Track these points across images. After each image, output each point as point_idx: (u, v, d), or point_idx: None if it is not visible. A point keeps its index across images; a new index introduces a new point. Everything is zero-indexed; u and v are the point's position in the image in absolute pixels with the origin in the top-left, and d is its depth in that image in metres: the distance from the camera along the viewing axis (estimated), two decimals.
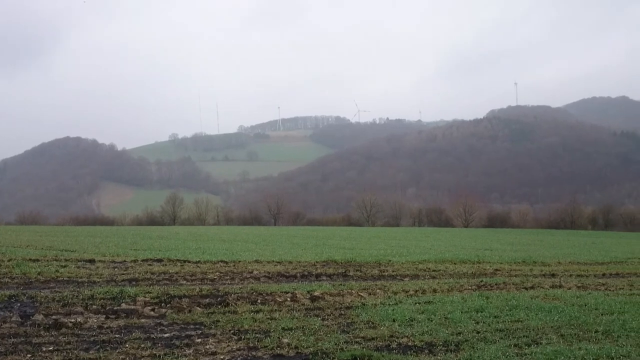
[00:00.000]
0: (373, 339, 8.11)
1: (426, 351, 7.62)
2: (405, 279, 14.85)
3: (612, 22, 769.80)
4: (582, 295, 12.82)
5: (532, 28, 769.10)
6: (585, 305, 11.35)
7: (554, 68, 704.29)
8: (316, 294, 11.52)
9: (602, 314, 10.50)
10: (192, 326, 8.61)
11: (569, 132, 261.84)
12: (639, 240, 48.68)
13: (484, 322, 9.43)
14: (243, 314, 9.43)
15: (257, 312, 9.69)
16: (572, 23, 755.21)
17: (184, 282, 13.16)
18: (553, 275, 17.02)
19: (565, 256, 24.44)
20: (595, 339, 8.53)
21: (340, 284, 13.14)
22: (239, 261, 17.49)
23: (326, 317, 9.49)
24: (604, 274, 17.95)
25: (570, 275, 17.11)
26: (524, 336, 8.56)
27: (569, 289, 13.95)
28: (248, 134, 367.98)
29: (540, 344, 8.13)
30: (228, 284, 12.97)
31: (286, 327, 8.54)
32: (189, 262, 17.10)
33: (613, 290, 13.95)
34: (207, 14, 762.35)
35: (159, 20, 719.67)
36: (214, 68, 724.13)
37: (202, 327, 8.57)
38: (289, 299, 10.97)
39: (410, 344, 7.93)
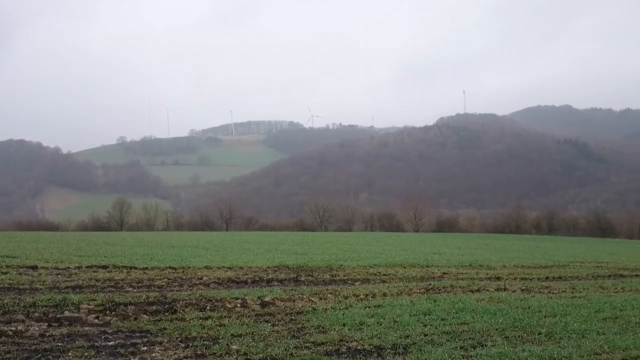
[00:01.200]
0: (323, 343, 8.14)
1: (375, 355, 7.71)
2: (356, 284, 14.97)
3: (557, 34, 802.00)
4: (525, 298, 13.22)
5: (481, 38, 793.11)
6: (529, 308, 11.71)
7: (501, 77, 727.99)
8: (267, 299, 11.47)
9: (545, 316, 10.85)
10: (137, 334, 8.40)
11: (515, 140, 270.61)
12: (581, 245, 50.71)
13: (431, 325, 9.61)
14: (191, 321, 9.27)
15: (206, 318, 9.55)
16: (519, 34, 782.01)
17: (130, 289, 12.84)
18: (498, 278, 17.51)
19: (510, 260, 25.18)
20: (539, 341, 8.82)
21: (292, 289, 13.13)
22: (188, 267, 17.21)
23: (276, 322, 9.46)
24: (547, 277, 18.56)
25: (515, 279, 17.64)
26: (469, 338, 8.77)
27: (514, 291, 14.38)
28: (200, 138, 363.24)
29: (486, 346, 8.35)
30: (176, 290, 12.74)
31: (235, 334, 8.45)
32: (135, 268, 16.70)
33: (556, 293, 14.43)
34: (158, 15, 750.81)
35: (105, 20, 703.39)
36: (165, 70, 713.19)
37: (149, 335, 8.38)
38: (239, 305, 10.87)
39: (359, 347, 8.00)
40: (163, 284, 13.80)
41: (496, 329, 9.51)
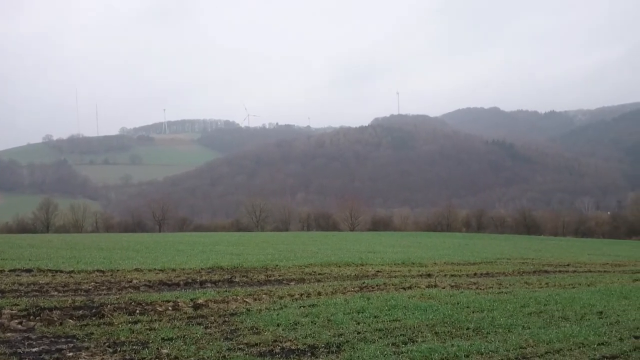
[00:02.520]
0: (256, 344, 8.07)
1: (309, 354, 7.72)
2: (292, 283, 14.95)
3: (488, 38, 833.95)
4: (455, 294, 13.60)
5: (414, 41, 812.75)
6: (458, 304, 12.04)
7: (433, 79, 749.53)
8: (200, 301, 11.26)
9: (473, 312, 11.18)
10: (63, 339, 8.05)
11: (446, 141, 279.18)
12: (507, 242, 52.84)
13: (364, 323, 9.72)
14: (120, 325, 8.97)
15: (136, 322, 9.25)
16: (451, 38, 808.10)
17: (56, 293, 12.27)
18: (429, 275, 17.94)
19: (441, 257, 25.89)
20: (467, 336, 9.08)
21: (226, 291, 12.95)
22: (118, 270, 16.63)
23: (209, 325, 9.29)
24: (475, 274, 19.15)
25: (445, 275, 18.12)
26: (401, 335, 8.94)
27: (444, 288, 14.77)
28: (131, 137, 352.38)
29: (416, 341, 8.53)
30: (104, 294, 12.29)
31: (166, 337, 8.24)
32: (61, 272, 15.98)
33: (483, 289, 14.91)
34: (87, 7, 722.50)
35: (29, 10, 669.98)
36: (94, 65, 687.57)
37: (75, 340, 8.04)
38: (170, 308, 10.60)
39: (293, 347, 7.99)
40: (90, 287, 13.29)
41: (427, 325, 9.74)
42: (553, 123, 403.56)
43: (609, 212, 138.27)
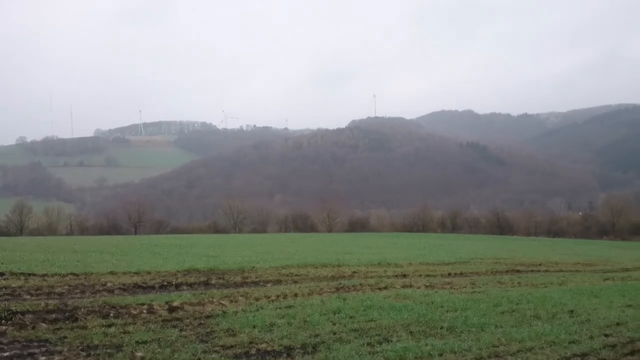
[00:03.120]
0: (232, 346, 8.07)
1: (284, 355, 7.75)
2: (268, 285, 14.94)
3: (462, 42, 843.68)
4: (429, 293, 13.75)
5: (391, 44, 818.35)
6: (432, 303, 12.17)
7: (410, 82, 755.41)
8: (175, 304, 11.19)
9: (447, 311, 11.32)
10: (35, 344, 7.94)
11: (421, 143, 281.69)
12: (481, 242, 53.48)
13: (340, 323, 9.79)
14: (93, 329, 8.88)
15: (110, 326, 9.17)
16: (427, 41, 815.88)
17: (28, 297, 12.07)
18: (404, 275, 18.09)
19: (416, 257, 26.11)
20: (441, 335, 9.21)
21: (202, 293, 12.88)
22: (92, 273, 16.41)
23: (184, 327, 9.25)
24: (449, 274, 19.35)
25: (420, 275, 18.28)
26: (376, 335, 9.02)
27: (418, 288, 14.92)
28: (106, 138, 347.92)
29: (391, 341, 8.62)
30: (78, 297, 12.12)
31: (141, 341, 8.19)
32: (34, 275, 15.71)
33: (457, 289, 15.09)
34: (63, 9, 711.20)
35: (4, 14, 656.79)
36: (69, 67, 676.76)
37: (48, 344, 7.94)
38: (145, 311, 10.52)
39: (269, 349, 8.01)
40: (64, 291, 13.10)
41: (401, 325, 9.84)
42: (526, 125, 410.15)
43: (580, 213, 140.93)
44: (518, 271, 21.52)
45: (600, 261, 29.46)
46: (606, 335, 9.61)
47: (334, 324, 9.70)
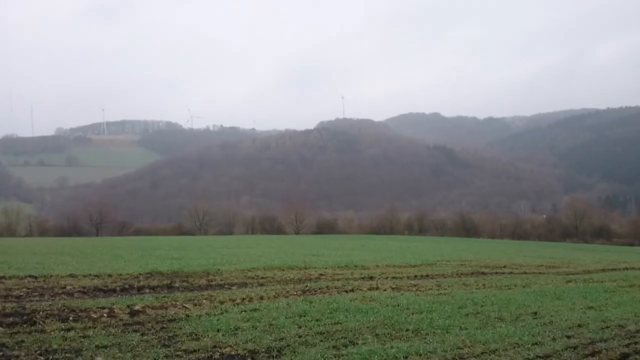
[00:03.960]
0: (195, 351, 7.89)
1: (249, 359, 7.63)
2: (234, 288, 14.72)
3: (429, 46, 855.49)
4: (395, 296, 13.75)
5: (360, 46, 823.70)
6: (398, 306, 12.17)
7: (378, 84, 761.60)
8: (137, 308, 10.91)
9: (412, 313, 11.32)
10: None
11: (389, 145, 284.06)
12: (447, 244, 54.06)
13: (306, 326, 9.69)
14: (52, 333, 8.61)
15: (69, 330, 8.89)
16: (395, 44, 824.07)
17: None
18: (371, 278, 18.08)
19: (383, 260, 26.17)
20: (406, 337, 9.19)
21: (164, 296, 12.61)
22: (51, 276, 15.93)
23: (146, 331, 9.02)
24: (415, 276, 19.42)
25: (387, 278, 18.30)
26: (342, 337, 8.95)
27: (385, 290, 14.91)
28: (68, 137, 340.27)
29: (357, 344, 8.56)
30: (36, 301, 11.73)
31: (101, 345, 7.96)
32: None
33: (423, 291, 15.13)
34: (24, 6, 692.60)
35: None
36: (29, 63, 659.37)
37: (4, 348, 7.67)
38: (105, 315, 10.22)
39: (233, 353, 7.87)
40: (22, 294, 12.68)
41: (367, 327, 9.80)
42: (491, 129, 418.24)
43: (544, 215, 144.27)
44: (483, 273, 21.75)
45: (563, 263, 30.06)
46: (568, 337, 9.74)
47: (300, 327, 9.59)
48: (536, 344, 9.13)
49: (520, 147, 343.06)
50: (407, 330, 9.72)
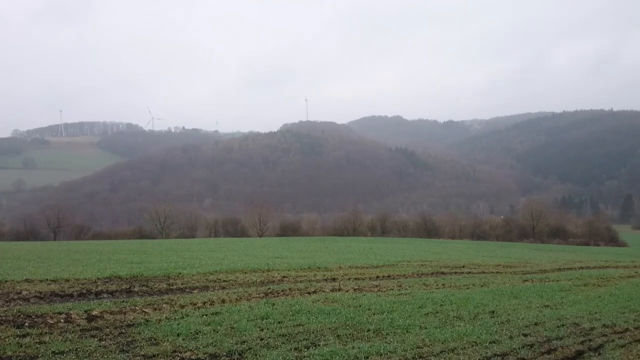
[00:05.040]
0: (154, 356, 7.80)
1: None
2: (195, 291, 14.56)
3: (392, 49, 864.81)
4: (357, 297, 13.85)
5: (324, 50, 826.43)
6: (360, 306, 12.26)
7: (341, 87, 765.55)
8: (94, 313, 10.70)
9: (374, 314, 11.42)
10: None
11: (352, 147, 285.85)
12: (409, 245, 54.59)
13: (268, 329, 9.67)
14: (7, 339, 8.38)
15: (24, 336, 8.67)
16: (359, 47, 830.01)
17: None
18: (334, 279, 18.15)
19: (346, 261, 26.29)
20: (367, 338, 9.28)
21: (123, 301, 12.39)
22: (6, 281, 15.45)
23: (104, 337, 8.85)
24: (377, 277, 19.57)
25: (349, 279, 18.39)
26: (304, 339, 8.97)
27: (347, 291, 15.00)
28: (24, 139, 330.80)
29: (319, 345, 8.60)
30: None
31: (57, 351, 7.80)
32: None
33: (384, 291, 15.27)
34: None
35: None
36: None
37: None
38: (62, 321, 9.99)
39: (193, 357, 7.80)
40: None
41: (329, 329, 9.85)
42: (451, 131, 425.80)
43: (502, 216, 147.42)
44: (443, 273, 22.07)
45: (520, 263, 30.71)
46: (525, 335, 9.97)
47: (262, 330, 9.57)
48: (494, 342, 9.33)
49: (479, 150, 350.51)
50: (368, 330, 9.81)
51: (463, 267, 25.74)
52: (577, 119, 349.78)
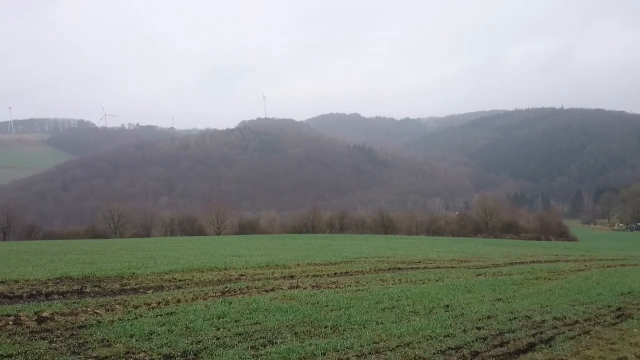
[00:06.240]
0: (106, 357, 7.62)
1: None
2: (149, 292, 14.28)
3: (350, 47, 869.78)
4: (315, 293, 13.85)
5: (283, 47, 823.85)
6: (318, 303, 12.26)
7: (299, 84, 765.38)
8: (45, 314, 10.37)
9: (331, 310, 11.44)
10: None
11: (311, 145, 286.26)
12: (367, 241, 55.00)
13: (224, 328, 9.58)
14: None
15: None
16: (316, 45, 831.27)
17: None
18: (292, 276, 18.12)
19: (304, 258, 26.28)
20: (324, 334, 9.29)
21: (75, 302, 12.04)
22: None
23: (55, 339, 8.60)
24: (335, 273, 19.64)
25: (307, 276, 18.39)
26: (261, 337, 8.92)
27: (305, 288, 15.00)
28: None
29: (276, 343, 8.57)
30: None
31: (5, 354, 7.55)
32: None
33: (342, 288, 15.32)
34: None
35: None
36: None
37: None
38: (11, 323, 9.64)
39: (147, 358, 7.66)
40: None
41: (287, 326, 9.83)
42: (408, 129, 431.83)
43: (456, 212, 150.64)
44: (399, 269, 22.32)
45: (474, 258, 31.33)
46: (478, 329, 10.16)
47: (218, 329, 9.47)
48: (448, 335, 9.49)
49: (434, 147, 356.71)
50: (325, 327, 9.83)
51: (419, 262, 26.11)
52: (529, 116, 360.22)
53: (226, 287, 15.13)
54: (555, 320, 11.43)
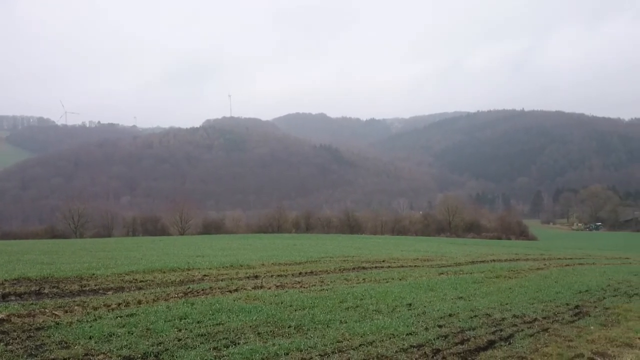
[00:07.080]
0: (65, 359, 7.46)
1: None
2: (109, 293, 14.00)
3: (317, 47, 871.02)
4: (280, 293, 13.81)
5: (249, 46, 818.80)
6: (282, 303, 12.22)
7: (265, 84, 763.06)
8: (1, 316, 10.06)
9: (295, 310, 11.43)
10: None
11: (277, 144, 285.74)
12: (332, 241, 55.14)
13: (186, 329, 9.47)
14: None
15: None
16: (283, 45, 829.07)
17: None
18: (256, 276, 18.02)
19: (269, 258, 26.17)
20: (288, 334, 9.28)
21: (32, 304, 11.72)
22: None
23: (11, 341, 8.37)
24: (300, 273, 19.61)
25: (272, 276, 18.32)
26: (224, 338, 8.86)
27: (269, 288, 14.94)
28: None
29: (239, 344, 8.52)
30: None
31: None
32: None
33: (307, 287, 15.30)
34: None
35: None
36: None
37: None
38: None
39: None
40: None
41: (250, 327, 9.78)
42: (373, 130, 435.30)
43: (420, 212, 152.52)
44: (364, 268, 22.44)
45: (436, 257, 31.72)
46: (440, 326, 10.31)
47: (180, 330, 9.36)
48: (410, 334, 9.61)
49: (399, 148, 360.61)
50: (289, 327, 9.82)
51: (383, 261, 26.30)
52: (491, 118, 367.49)
53: (189, 287, 14.94)
54: (514, 318, 11.68)
